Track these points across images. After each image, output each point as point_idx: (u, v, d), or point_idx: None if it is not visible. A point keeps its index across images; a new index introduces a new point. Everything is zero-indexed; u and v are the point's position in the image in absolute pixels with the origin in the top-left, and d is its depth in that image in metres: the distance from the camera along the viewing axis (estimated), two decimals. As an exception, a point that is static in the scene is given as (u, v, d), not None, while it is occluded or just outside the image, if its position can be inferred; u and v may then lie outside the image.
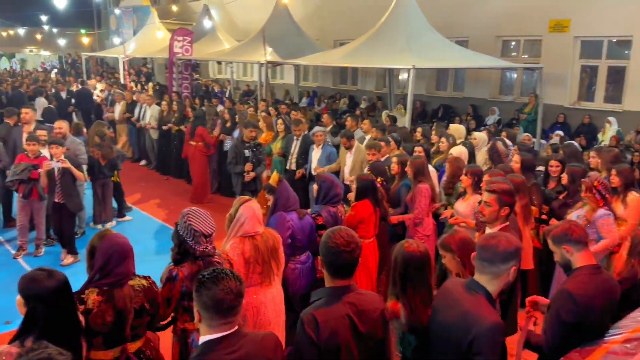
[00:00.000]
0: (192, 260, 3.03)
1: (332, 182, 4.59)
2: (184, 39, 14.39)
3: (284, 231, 3.98)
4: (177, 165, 11.01)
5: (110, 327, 2.73)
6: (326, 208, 4.48)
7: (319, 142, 7.44)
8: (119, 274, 2.78)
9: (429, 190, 5.15)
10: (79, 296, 2.72)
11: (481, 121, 12.82)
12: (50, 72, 23.95)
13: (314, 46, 13.82)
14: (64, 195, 6.28)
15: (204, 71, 23.30)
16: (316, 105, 16.30)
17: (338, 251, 2.36)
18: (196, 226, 3.03)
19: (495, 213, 3.44)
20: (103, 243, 2.82)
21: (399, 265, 2.72)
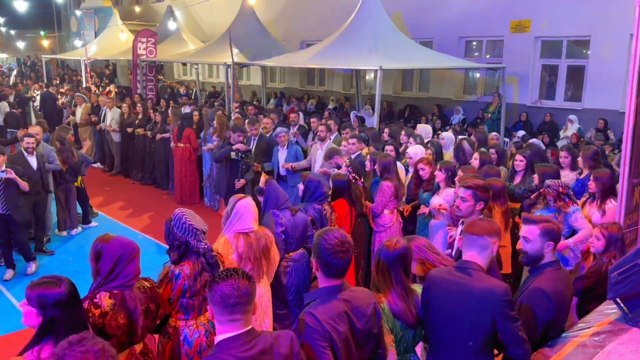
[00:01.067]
0: (193, 258, 3.12)
1: (319, 182, 4.71)
2: (147, 40, 14.15)
3: (277, 227, 4.11)
4: (141, 169, 10.83)
5: (123, 329, 2.77)
6: (312, 205, 4.60)
7: (283, 142, 7.46)
8: (128, 275, 2.81)
9: (390, 187, 5.37)
10: (92, 301, 2.74)
11: (446, 121, 13.02)
12: (9, 75, 23.19)
13: (281, 47, 13.79)
14: (9, 206, 6.02)
15: (168, 73, 22.96)
16: (285, 106, 16.27)
17: (334, 252, 2.42)
18: (195, 225, 3.14)
19: (471, 207, 3.64)
20: (110, 246, 2.81)
21: (379, 261, 2.84)
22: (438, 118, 12.79)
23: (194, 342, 3.17)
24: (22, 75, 24.13)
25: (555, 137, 11.21)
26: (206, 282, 3.10)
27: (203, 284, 3.12)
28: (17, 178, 5.95)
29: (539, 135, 11.09)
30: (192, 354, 3.15)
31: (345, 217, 4.88)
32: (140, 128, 10.47)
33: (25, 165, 6.56)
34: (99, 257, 2.81)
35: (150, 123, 10.31)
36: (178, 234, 3.13)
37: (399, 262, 2.74)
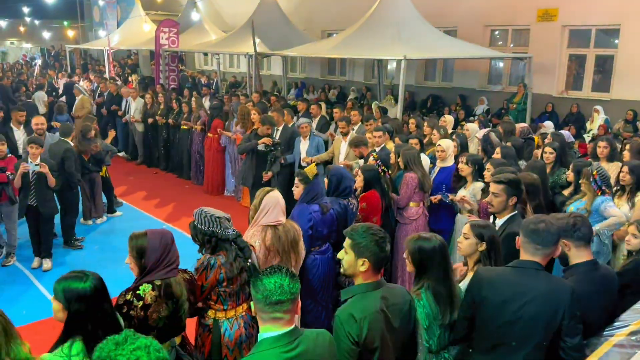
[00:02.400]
0: (226, 247, 3.18)
1: (342, 175, 4.63)
2: (170, 30, 14.18)
3: (305, 223, 4.08)
4: (165, 159, 10.91)
5: (165, 320, 2.82)
6: (337, 200, 4.54)
7: (305, 133, 7.38)
8: (172, 262, 2.90)
9: (414, 179, 5.31)
10: (135, 292, 2.78)
11: (470, 111, 12.85)
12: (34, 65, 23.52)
13: (302, 37, 13.71)
14: (38, 199, 6.09)
15: (190, 62, 23.05)
16: (305, 95, 16.21)
17: (383, 245, 2.48)
18: (217, 214, 3.18)
19: (504, 203, 3.57)
20: (152, 239, 2.87)
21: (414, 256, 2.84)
22: (461, 109, 12.61)
23: (234, 335, 3.21)
24: (46, 65, 24.45)
25: (581, 128, 10.98)
26: (242, 268, 3.20)
27: (240, 270, 3.19)
28: (48, 173, 5.99)
29: (565, 127, 10.89)
30: (233, 346, 3.20)
31: (377, 208, 4.85)
32: (161, 118, 10.49)
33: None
34: (143, 252, 2.84)
35: (173, 113, 10.32)
36: (203, 229, 3.15)
37: (444, 251, 2.81)
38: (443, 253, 2.76)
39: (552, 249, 2.60)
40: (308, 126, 7.43)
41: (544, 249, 2.57)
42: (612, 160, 5.77)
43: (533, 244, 2.58)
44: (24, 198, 6.06)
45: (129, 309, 2.74)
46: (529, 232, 2.60)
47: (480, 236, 2.96)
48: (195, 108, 9.92)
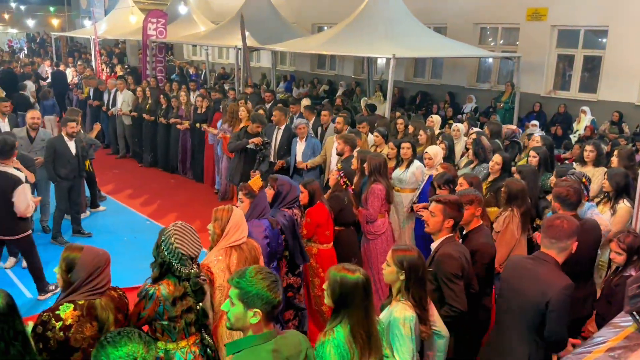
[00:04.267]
0: (176, 281, 2.89)
1: (291, 186, 4.45)
2: (157, 20, 13.99)
3: (261, 240, 3.85)
4: (151, 153, 10.78)
5: (90, 341, 2.64)
6: (281, 212, 4.31)
7: (302, 134, 7.15)
8: (99, 283, 2.72)
9: (382, 190, 5.07)
10: (54, 313, 2.61)
11: (458, 109, 12.86)
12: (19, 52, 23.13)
13: (292, 30, 13.60)
14: None
15: (178, 53, 22.80)
16: (294, 88, 16.13)
17: (276, 290, 2.24)
18: (184, 249, 2.88)
19: (439, 224, 3.37)
20: (84, 256, 2.71)
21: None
22: (450, 106, 12.63)
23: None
24: (32, 52, 24.06)
25: (568, 129, 11.04)
26: (189, 308, 2.91)
27: (185, 309, 2.90)
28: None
29: (551, 127, 10.95)
30: None
31: (327, 222, 4.64)
32: (148, 114, 10.34)
33: (65, 150, 6.71)
34: (72, 267, 2.69)
35: (161, 108, 10.18)
36: (163, 252, 2.89)
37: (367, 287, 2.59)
38: (366, 289, 2.50)
39: (567, 243, 2.92)
40: (305, 127, 7.19)
41: (558, 243, 2.92)
42: (598, 165, 5.77)
43: (548, 238, 2.95)
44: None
45: (45, 329, 2.58)
46: (546, 227, 2.99)
47: (400, 264, 2.80)
48: (185, 103, 9.82)
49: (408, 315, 2.73)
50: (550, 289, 2.82)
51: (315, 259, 4.71)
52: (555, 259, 2.93)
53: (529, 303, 2.90)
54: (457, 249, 3.34)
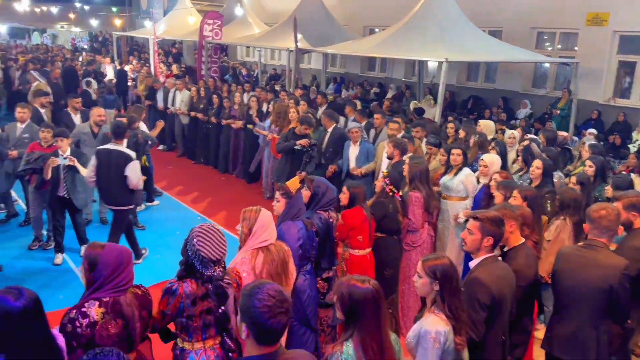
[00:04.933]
0: (199, 281, 2.89)
1: (327, 187, 4.35)
2: (214, 22, 14.38)
3: (294, 242, 3.79)
4: (205, 152, 11.09)
5: (115, 338, 2.69)
6: (317, 214, 4.23)
7: (356, 138, 7.05)
8: (122, 281, 2.74)
9: (419, 199, 4.92)
10: (80, 310, 2.65)
11: (512, 114, 12.59)
12: (81, 52, 24.22)
13: (343, 32, 13.69)
14: (70, 190, 6.10)
15: (232, 53, 23.31)
16: (343, 90, 16.20)
17: (272, 315, 2.08)
18: (204, 252, 2.87)
19: (477, 242, 3.15)
20: (106, 254, 2.73)
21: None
22: (503, 111, 12.37)
23: None
24: (94, 51, 25.14)
25: (627, 138, 10.62)
26: (209, 309, 2.89)
27: (204, 309, 2.88)
28: (78, 165, 6.05)
29: (610, 136, 10.56)
30: None
31: (361, 226, 4.52)
32: (201, 113, 10.62)
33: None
34: (94, 265, 2.72)
35: (213, 108, 10.45)
36: (188, 252, 2.92)
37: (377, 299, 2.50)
38: (376, 301, 2.41)
39: (616, 229, 3.32)
40: (359, 131, 7.09)
41: (608, 230, 3.27)
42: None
43: (600, 227, 3.27)
44: (53, 190, 6.12)
45: (74, 327, 2.62)
46: (596, 218, 3.27)
47: (433, 274, 2.69)
48: (239, 104, 10.04)
49: (440, 329, 2.62)
50: (613, 272, 3.15)
51: (346, 263, 4.61)
52: (607, 244, 3.27)
53: (594, 289, 3.18)
54: (493, 272, 3.08)
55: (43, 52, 21.53)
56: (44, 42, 29.40)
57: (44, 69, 14.00)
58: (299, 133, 7.25)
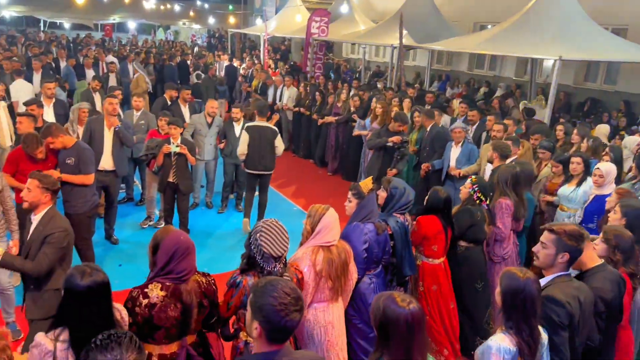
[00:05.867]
0: (260, 275, 2.91)
1: (405, 189, 4.20)
2: (321, 19, 14.67)
3: (359, 244, 3.71)
4: (306, 146, 11.36)
5: (173, 321, 2.78)
6: (393, 217, 4.11)
7: (458, 139, 6.88)
8: (182, 271, 2.81)
9: (510, 206, 4.63)
10: (142, 290, 2.78)
11: (634, 119, 11.52)
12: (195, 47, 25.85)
13: (451, 29, 13.33)
14: (178, 176, 6.50)
15: (337, 50, 23.59)
16: (448, 89, 15.79)
17: (288, 313, 2.04)
18: (265, 247, 2.89)
19: (551, 258, 2.87)
20: (166, 240, 2.82)
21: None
22: (624, 116, 11.35)
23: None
24: (210, 47, 26.68)
25: None
26: None
27: None
28: (188, 154, 6.48)
29: None
30: None
31: (436, 236, 4.35)
32: (305, 109, 10.90)
33: (231, 132, 7.62)
34: (156, 249, 2.83)
35: (317, 104, 10.66)
36: (251, 246, 2.95)
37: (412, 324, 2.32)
38: (410, 326, 2.19)
39: None
40: (462, 132, 6.89)
41: None
42: None
43: None
44: (164, 175, 6.54)
45: (134, 305, 2.74)
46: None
47: (500, 286, 2.52)
48: (344, 101, 10.14)
49: (504, 346, 2.44)
50: None
51: (418, 271, 4.47)
52: None
53: None
54: (568, 291, 2.79)
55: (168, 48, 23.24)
56: (167, 38, 31.74)
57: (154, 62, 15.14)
58: (393, 130, 7.19)
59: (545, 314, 2.69)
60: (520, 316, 2.47)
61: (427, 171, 7.26)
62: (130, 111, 7.73)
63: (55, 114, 7.49)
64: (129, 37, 29.97)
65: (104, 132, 6.30)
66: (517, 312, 2.48)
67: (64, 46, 18.35)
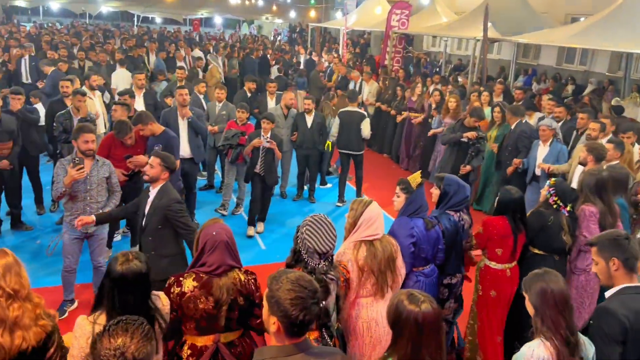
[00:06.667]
0: (305, 271, 2.80)
1: (459, 186, 4.02)
2: (402, 12, 14.50)
3: (406, 239, 3.61)
4: (382, 141, 11.29)
5: (202, 313, 2.79)
6: (446, 215, 3.96)
7: (545, 137, 6.51)
8: (212, 264, 2.83)
9: (595, 213, 4.22)
10: (178, 279, 2.84)
11: None
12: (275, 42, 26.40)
13: (539, 21, 12.72)
14: (265, 170, 6.70)
15: (417, 43, 23.20)
16: (534, 84, 15.09)
17: (305, 306, 1.98)
18: (310, 242, 2.83)
19: (605, 270, 2.68)
20: (202, 232, 2.91)
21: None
22: None
23: None
24: (291, 41, 27.15)
25: None
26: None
27: None
28: (276, 149, 6.69)
29: None
30: None
31: (502, 240, 4.06)
32: (386, 104, 10.77)
33: (303, 122, 7.86)
34: (198, 239, 2.93)
35: (397, 99, 10.53)
36: (298, 240, 2.90)
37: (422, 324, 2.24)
38: (420, 325, 2.14)
39: None
40: (549, 130, 6.49)
41: None
42: None
43: None
44: (251, 167, 6.80)
45: (168, 292, 2.80)
46: None
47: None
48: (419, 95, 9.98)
49: (537, 353, 2.35)
50: None
51: (480, 273, 4.25)
52: None
53: None
54: (630, 305, 2.57)
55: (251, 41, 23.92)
56: (251, 32, 32.67)
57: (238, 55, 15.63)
58: (468, 125, 6.99)
59: (597, 324, 2.57)
60: (551, 323, 2.39)
61: (515, 169, 6.88)
62: (212, 103, 8.07)
63: (145, 103, 7.99)
64: (215, 31, 31.18)
65: (178, 123, 6.64)
66: (547, 320, 2.40)
67: (155, 40, 19.38)
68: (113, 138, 5.60)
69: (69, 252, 4.75)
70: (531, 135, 6.98)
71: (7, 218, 6.56)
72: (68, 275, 4.85)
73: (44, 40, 14.89)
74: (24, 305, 2.36)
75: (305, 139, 7.81)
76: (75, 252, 4.77)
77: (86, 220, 4.29)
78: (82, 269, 5.09)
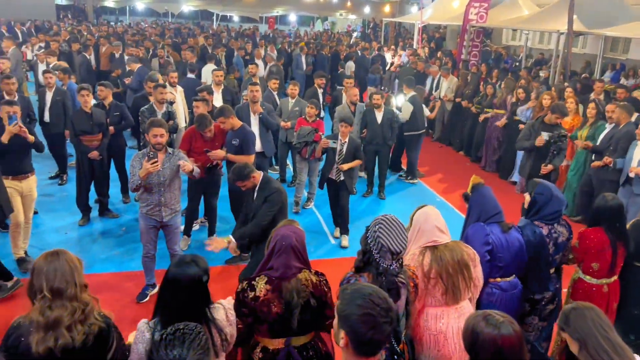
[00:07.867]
0: (374, 273, 2.67)
1: (552, 195, 3.65)
2: (480, 5, 14.05)
3: (480, 246, 3.35)
4: (460, 138, 10.95)
5: (275, 317, 2.74)
6: (532, 225, 3.64)
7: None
8: (279, 267, 2.79)
9: None
10: (250, 282, 2.80)
11: None
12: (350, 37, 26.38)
13: (629, 12, 11.89)
14: (345, 174, 6.47)
15: (496, 37, 22.42)
16: (623, 80, 14.16)
17: (375, 324, 1.84)
18: (384, 240, 2.66)
19: None
20: (273, 234, 2.89)
21: None
22: None
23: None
24: (364, 37, 27.07)
25: None
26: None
27: None
28: (351, 165, 6.46)
29: None
30: None
31: (600, 253, 3.73)
32: (466, 100, 10.40)
33: (372, 119, 7.79)
34: (269, 241, 2.90)
35: (479, 95, 10.14)
36: (368, 240, 2.73)
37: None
38: (498, 351, 2.01)
39: None
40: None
41: None
42: None
43: None
44: (325, 171, 6.62)
45: (243, 297, 2.75)
46: None
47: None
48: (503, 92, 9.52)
49: None
50: None
51: (572, 286, 3.95)
52: None
53: None
54: None
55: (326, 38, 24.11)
56: (325, 28, 32.92)
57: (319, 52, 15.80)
58: (549, 122, 6.63)
59: None
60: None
61: (603, 166, 6.44)
62: (285, 99, 8.23)
63: (223, 99, 8.29)
64: (290, 29, 31.69)
65: (250, 118, 6.82)
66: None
67: (235, 37, 19.99)
68: (194, 131, 5.86)
69: (146, 239, 5.02)
70: (632, 136, 6.44)
71: (96, 206, 7.03)
72: (148, 260, 5.12)
73: (132, 39, 15.79)
74: (71, 304, 2.32)
75: (375, 134, 7.76)
76: (151, 240, 5.02)
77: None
78: (163, 256, 5.38)
